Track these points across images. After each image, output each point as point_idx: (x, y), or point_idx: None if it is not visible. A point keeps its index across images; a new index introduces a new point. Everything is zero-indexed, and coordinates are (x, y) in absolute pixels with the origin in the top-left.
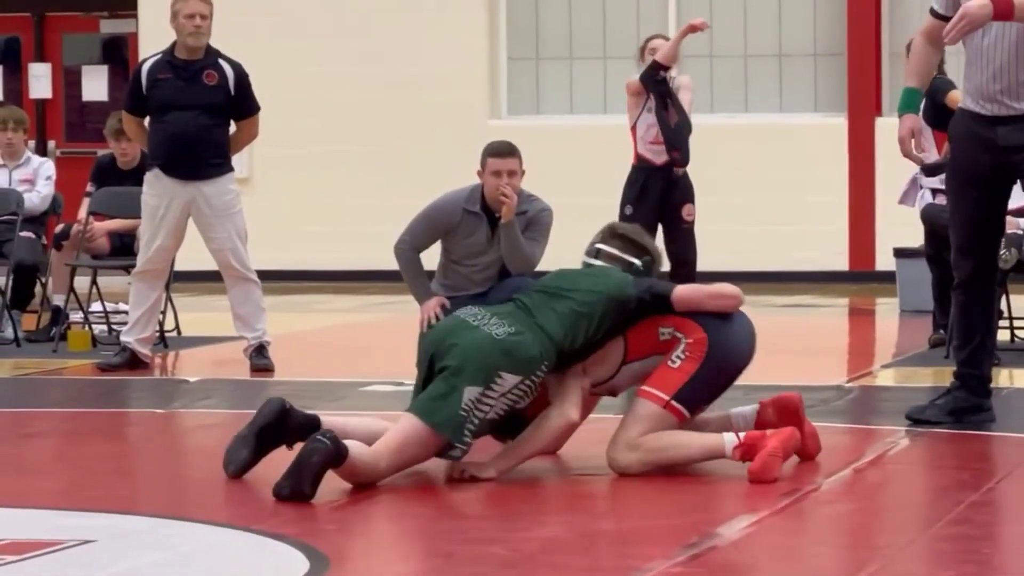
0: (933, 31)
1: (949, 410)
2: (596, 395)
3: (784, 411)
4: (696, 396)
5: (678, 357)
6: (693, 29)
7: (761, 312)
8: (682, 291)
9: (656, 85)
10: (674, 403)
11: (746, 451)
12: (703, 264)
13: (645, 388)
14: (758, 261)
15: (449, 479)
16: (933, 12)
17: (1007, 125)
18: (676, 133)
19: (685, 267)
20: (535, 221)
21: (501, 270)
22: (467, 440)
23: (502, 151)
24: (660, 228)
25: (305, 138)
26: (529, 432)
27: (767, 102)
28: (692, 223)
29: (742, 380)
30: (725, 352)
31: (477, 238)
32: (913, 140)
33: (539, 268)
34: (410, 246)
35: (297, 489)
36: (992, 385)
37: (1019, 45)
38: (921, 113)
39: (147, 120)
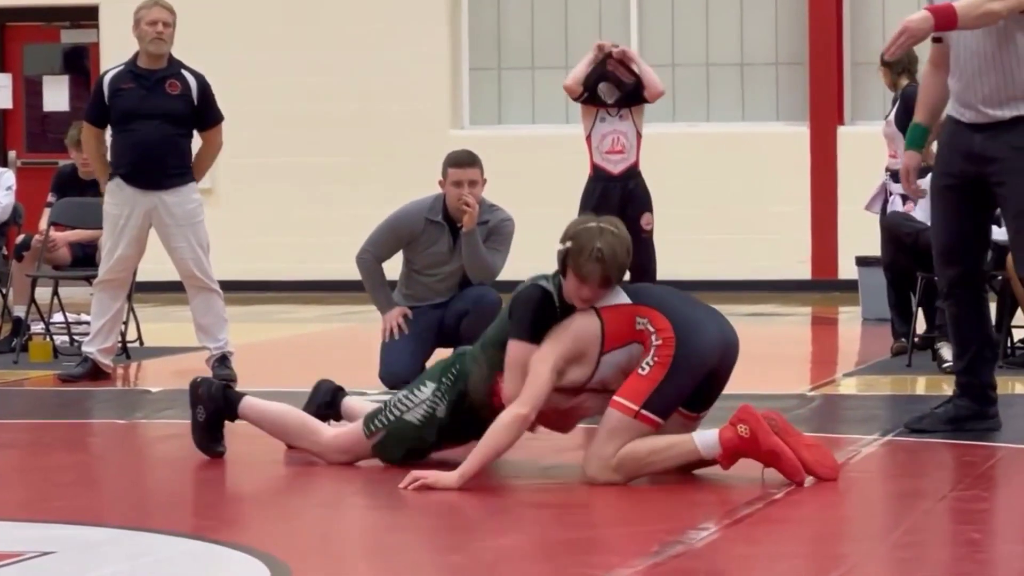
0: (935, 57)
1: (948, 419)
2: (591, 391)
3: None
4: (666, 402)
5: (647, 364)
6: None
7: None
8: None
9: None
10: (644, 412)
11: (730, 458)
12: (664, 274)
13: (616, 398)
14: (720, 270)
15: (406, 487)
16: (933, 38)
17: (983, 132)
18: None
19: (645, 277)
20: (497, 231)
21: (462, 280)
22: (371, 429)
23: (463, 161)
24: None
25: (268, 149)
26: (485, 436)
27: (729, 111)
28: (651, 232)
29: None
30: (692, 352)
31: (439, 248)
32: (915, 177)
33: (500, 277)
34: (372, 256)
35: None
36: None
37: (995, 52)
38: (894, 117)
39: (108, 132)
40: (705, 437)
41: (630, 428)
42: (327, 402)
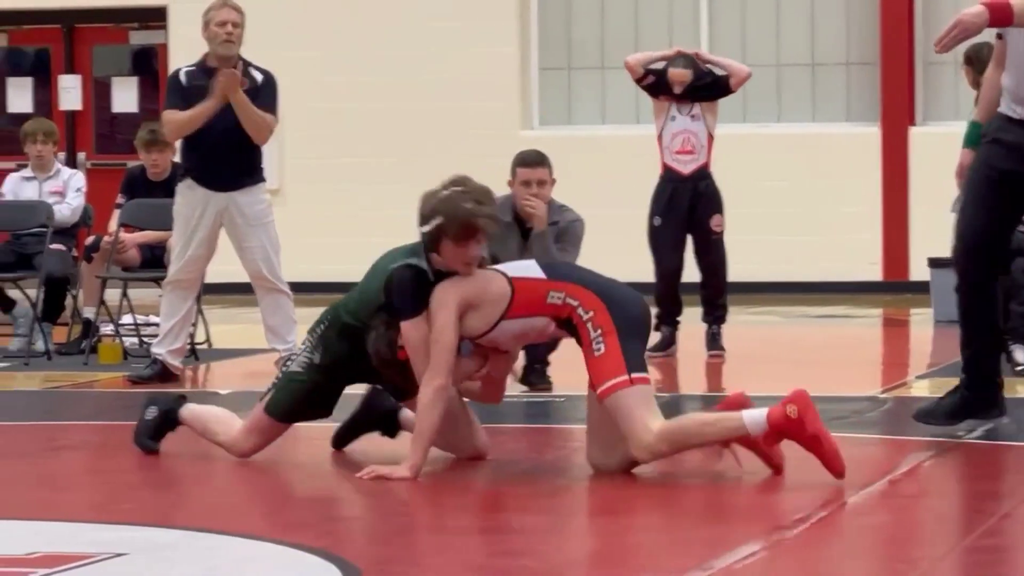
0: (998, 55)
1: (955, 409)
2: (485, 347)
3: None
4: (639, 357)
5: (598, 342)
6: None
7: (794, 323)
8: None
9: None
10: (635, 375)
11: (774, 437)
12: (735, 275)
13: (604, 387)
14: (791, 272)
15: (361, 477)
16: (997, 34)
17: None
18: None
19: (715, 278)
20: (567, 231)
21: None
22: (262, 396)
23: (531, 160)
24: (690, 239)
25: (336, 149)
26: (416, 422)
27: (800, 112)
28: (721, 234)
29: (772, 390)
30: (625, 312)
31: (508, 247)
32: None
33: None
34: None
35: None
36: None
37: None
38: None
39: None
40: (753, 414)
41: (640, 395)
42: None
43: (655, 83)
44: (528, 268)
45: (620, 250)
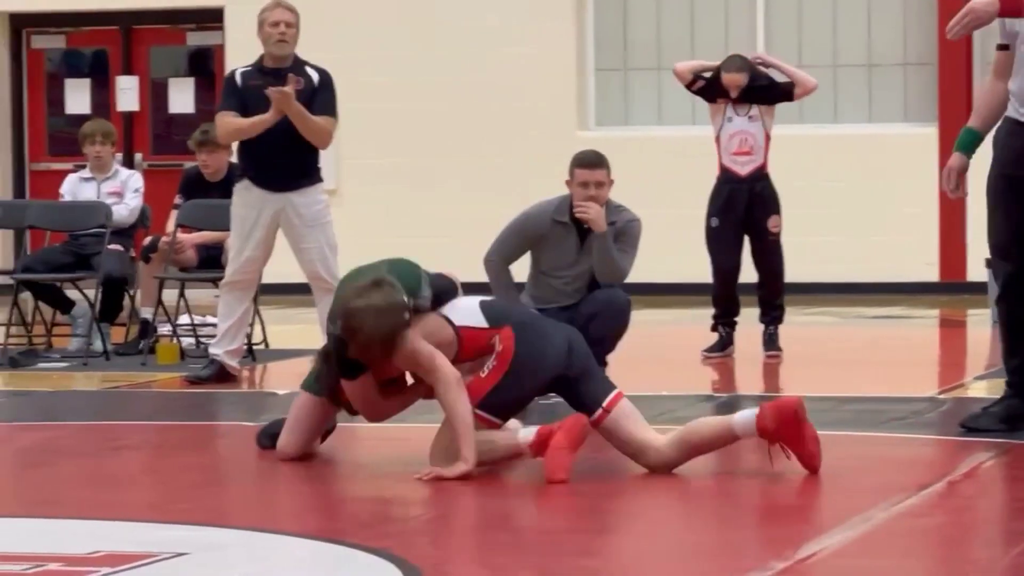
0: (998, 66)
1: (1002, 417)
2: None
3: (781, 415)
4: (502, 402)
5: (488, 367)
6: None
7: (851, 324)
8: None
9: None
10: (479, 412)
11: (538, 448)
12: (792, 276)
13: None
14: (848, 272)
15: (420, 478)
16: (998, 45)
17: None
18: None
19: (773, 279)
20: (624, 232)
21: (591, 282)
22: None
23: (589, 162)
24: (747, 240)
25: (394, 150)
26: (450, 418)
27: (856, 112)
28: (778, 235)
29: (827, 390)
30: (529, 361)
31: (566, 249)
32: (956, 179)
33: (628, 279)
34: (500, 257)
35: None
36: None
37: None
38: None
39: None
40: (525, 436)
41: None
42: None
43: (706, 87)
44: (471, 314)
45: (677, 251)
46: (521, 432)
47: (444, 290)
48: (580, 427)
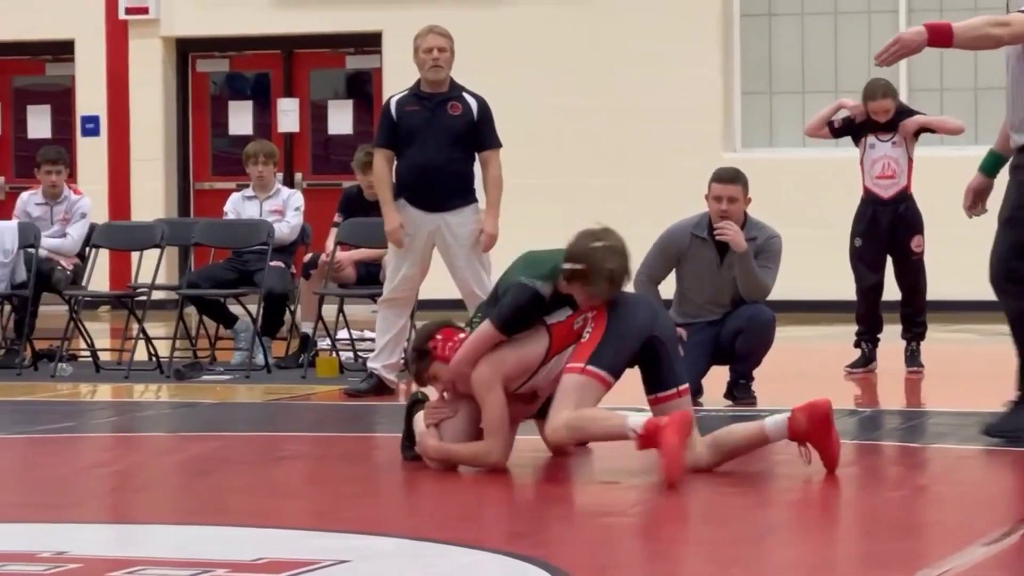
0: None
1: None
2: (520, 397)
3: (814, 417)
4: (608, 357)
5: (586, 332)
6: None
7: (992, 341)
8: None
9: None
10: (590, 368)
11: (647, 441)
12: (936, 294)
13: (566, 365)
14: (989, 291)
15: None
16: None
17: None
18: None
19: (916, 297)
20: (765, 248)
21: (735, 297)
22: None
23: (724, 177)
24: (890, 260)
25: (542, 170)
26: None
27: (996, 134)
28: (921, 254)
29: (962, 407)
30: (624, 318)
31: (706, 264)
32: (972, 198)
33: (771, 296)
34: (646, 277)
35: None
36: None
37: (1013, 82)
38: None
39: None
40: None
41: (580, 385)
42: None
43: (846, 128)
44: (561, 312)
45: (822, 269)
46: (631, 418)
47: None
48: (688, 422)
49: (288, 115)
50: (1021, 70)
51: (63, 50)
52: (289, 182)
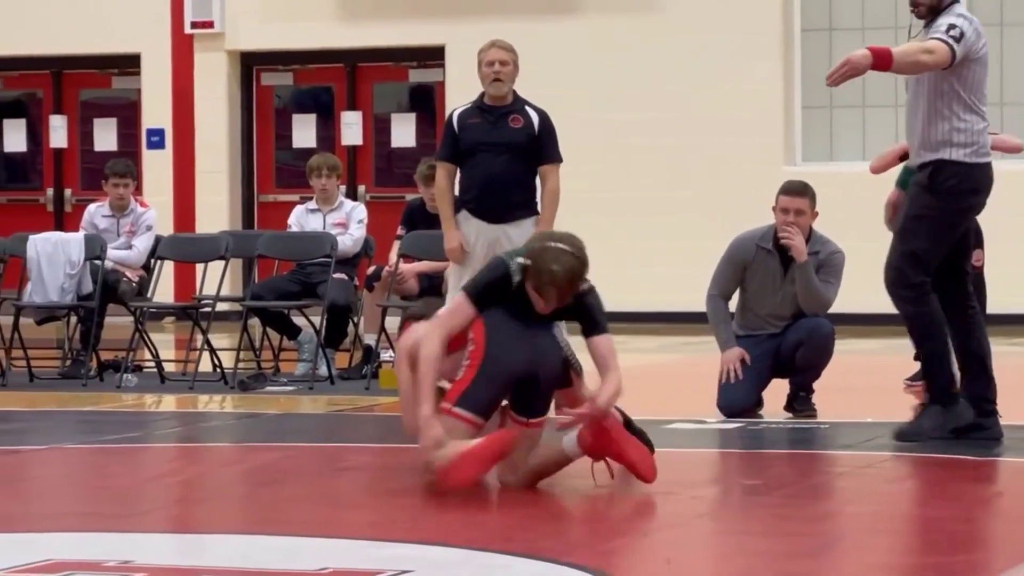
0: None
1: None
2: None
3: (597, 431)
4: (475, 398)
5: (462, 368)
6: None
7: None
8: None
9: None
10: (456, 410)
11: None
12: (996, 307)
13: (440, 404)
14: None
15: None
16: None
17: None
18: None
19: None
20: (827, 263)
21: (796, 311)
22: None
23: (792, 190)
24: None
25: (605, 183)
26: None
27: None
28: (981, 268)
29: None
30: (496, 360)
31: (770, 275)
32: (894, 212)
33: (832, 310)
34: (719, 293)
35: None
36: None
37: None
38: None
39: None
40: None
41: (448, 429)
42: None
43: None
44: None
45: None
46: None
47: None
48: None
49: (351, 128)
50: (920, 93)
51: (129, 64)
52: (352, 195)
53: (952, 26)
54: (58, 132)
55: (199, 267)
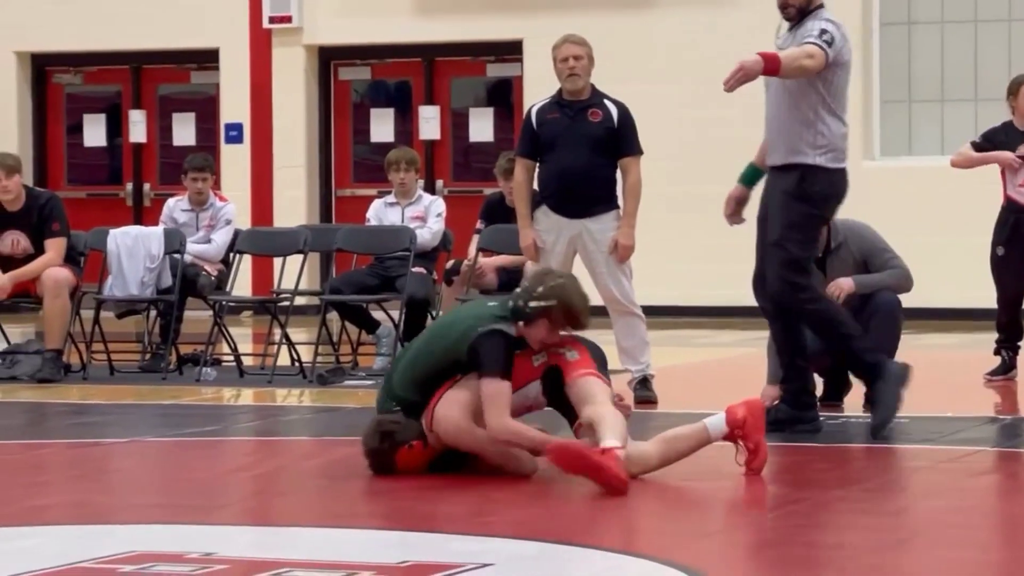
0: None
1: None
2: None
3: (752, 408)
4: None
5: (571, 354)
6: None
7: None
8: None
9: None
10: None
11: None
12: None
13: (576, 373)
14: None
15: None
16: None
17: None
18: None
19: None
20: (867, 252)
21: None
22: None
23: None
24: None
25: (681, 178)
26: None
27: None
28: None
29: None
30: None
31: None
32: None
33: (911, 304)
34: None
35: None
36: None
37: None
38: None
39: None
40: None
41: (605, 390)
42: None
43: (990, 143)
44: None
45: (962, 277)
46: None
47: None
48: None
49: (429, 122)
50: (783, 94)
51: (208, 59)
52: (430, 189)
53: (824, 31)
54: (137, 127)
55: (277, 261)
